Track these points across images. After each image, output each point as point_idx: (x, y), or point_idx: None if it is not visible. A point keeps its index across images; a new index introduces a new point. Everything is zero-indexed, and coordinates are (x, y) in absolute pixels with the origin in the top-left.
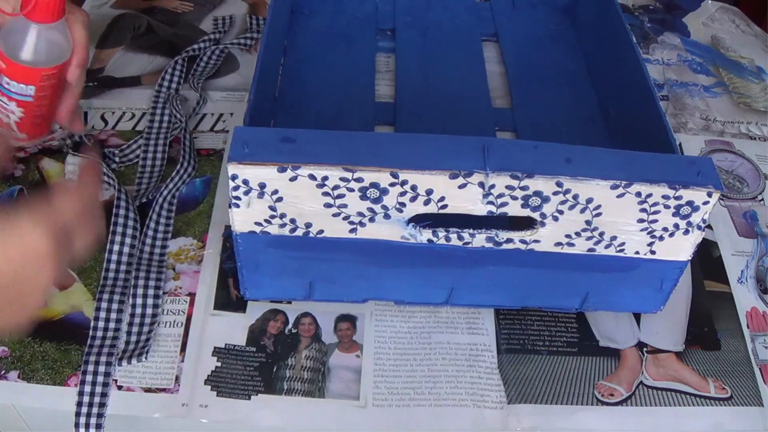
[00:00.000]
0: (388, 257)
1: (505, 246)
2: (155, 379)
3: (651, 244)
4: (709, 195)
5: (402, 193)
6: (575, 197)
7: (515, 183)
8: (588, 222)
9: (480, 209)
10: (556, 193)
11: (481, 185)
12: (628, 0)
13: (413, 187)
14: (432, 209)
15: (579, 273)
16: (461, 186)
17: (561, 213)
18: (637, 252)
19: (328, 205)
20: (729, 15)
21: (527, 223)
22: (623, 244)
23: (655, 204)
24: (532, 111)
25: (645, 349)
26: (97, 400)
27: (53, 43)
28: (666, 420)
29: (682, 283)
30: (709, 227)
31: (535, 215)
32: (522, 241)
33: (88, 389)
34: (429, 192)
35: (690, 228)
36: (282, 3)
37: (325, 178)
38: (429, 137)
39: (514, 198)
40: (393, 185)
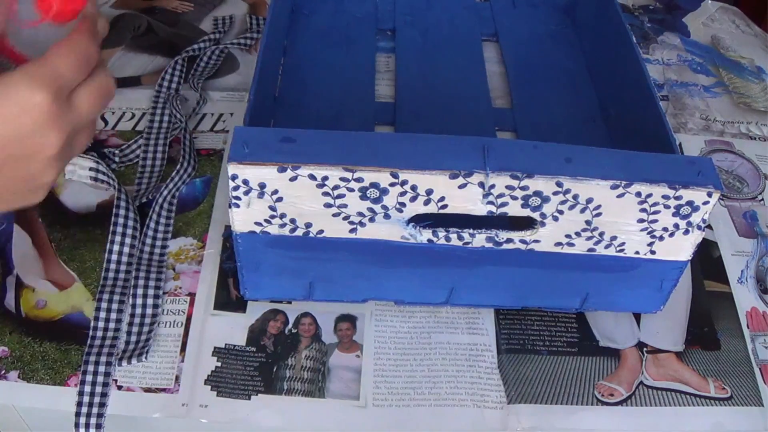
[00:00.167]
0: (388, 257)
1: (505, 246)
2: (155, 379)
3: (651, 244)
4: (709, 195)
5: (402, 193)
6: (575, 197)
7: (515, 183)
8: (588, 222)
9: (480, 209)
10: (556, 193)
11: (481, 185)
12: (628, 0)
13: (413, 187)
14: (432, 209)
15: (579, 273)
16: (461, 186)
17: (561, 213)
18: (637, 252)
19: (328, 205)
20: (729, 15)
21: (527, 223)
22: (623, 244)
23: (655, 204)
24: (532, 111)
25: (645, 349)
26: (97, 400)
27: None
28: (666, 420)
29: (682, 283)
30: (709, 227)
31: (535, 215)
32: (522, 241)
33: (88, 389)
34: (429, 192)
35: (690, 228)
36: (282, 3)
37: (325, 178)
38: (429, 137)
39: (514, 198)
40: (393, 185)
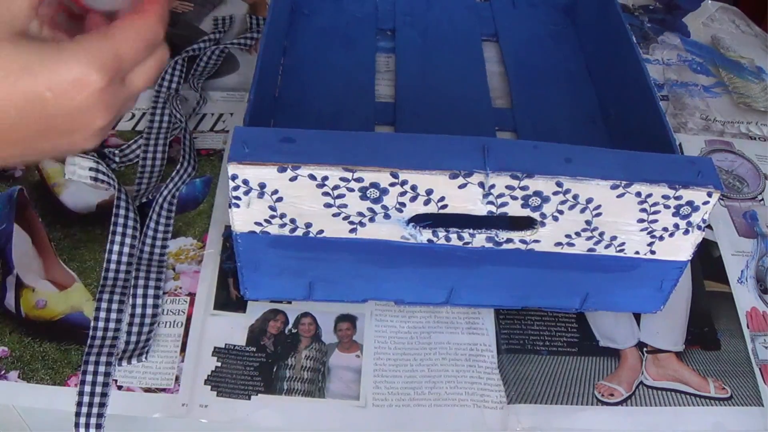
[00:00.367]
0: (388, 257)
1: (505, 246)
2: (155, 379)
3: (651, 244)
4: (709, 195)
5: (402, 193)
6: (575, 197)
7: (515, 183)
8: (588, 222)
9: (480, 209)
10: (556, 193)
11: (481, 185)
12: (628, 0)
13: (413, 187)
14: (432, 209)
15: (579, 273)
16: (461, 186)
17: (561, 213)
18: (637, 252)
19: (328, 205)
20: (729, 15)
21: (527, 223)
22: (623, 244)
23: (655, 204)
24: (532, 111)
25: (645, 349)
26: (97, 400)
27: None
28: (666, 420)
29: (682, 283)
30: (709, 227)
31: (535, 215)
32: (522, 241)
33: (88, 389)
34: (429, 192)
35: (690, 228)
36: (282, 3)
37: (325, 178)
38: (429, 137)
39: (514, 198)
40: (393, 185)
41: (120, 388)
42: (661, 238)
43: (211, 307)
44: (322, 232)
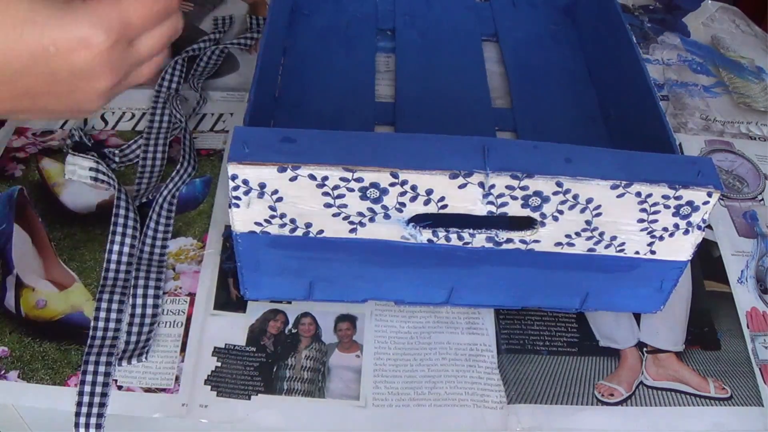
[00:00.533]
0: (388, 257)
1: (505, 246)
2: (155, 379)
3: (651, 244)
4: (709, 195)
5: (402, 193)
6: (575, 197)
7: (515, 183)
8: (588, 222)
9: (480, 209)
10: (556, 193)
11: (481, 185)
12: (628, 0)
13: (413, 187)
14: (432, 209)
15: (579, 273)
16: (461, 186)
17: (561, 213)
18: (637, 252)
19: (328, 205)
20: (729, 15)
21: (527, 223)
22: (623, 244)
23: (655, 204)
24: (532, 111)
25: (645, 349)
26: (97, 400)
27: None
28: (666, 420)
29: (682, 283)
30: (709, 227)
31: (535, 215)
32: (522, 241)
33: (88, 389)
34: (429, 192)
35: (690, 228)
36: (282, 3)
37: (325, 178)
38: (429, 137)
39: (514, 198)
40: (393, 185)
41: (120, 388)
42: (661, 238)
43: (211, 307)
44: (322, 232)
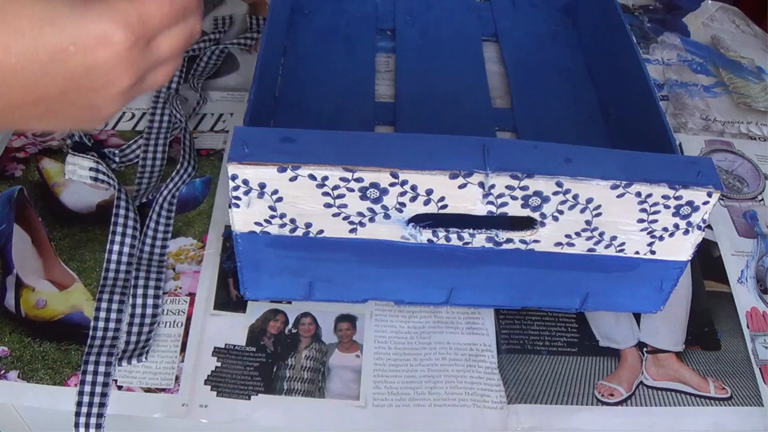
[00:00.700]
0: (388, 257)
1: (505, 246)
2: (155, 379)
3: (651, 244)
4: (709, 195)
5: (402, 193)
6: (575, 197)
7: (515, 183)
8: (588, 222)
9: (480, 209)
10: (556, 193)
11: (481, 185)
12: (628, 0)
13: (413, 187)
14: (432, 209)
15: (579, 273)
16: (461, 186)
17: (561, 213)
18: (637, 252)
19: (328, 205)
20: (729, 15)
21: (527, 223)
22: (623, 244)
23: (655, 204)
24: (532, 111)
25: (645, 349)
26: (97, 400)
27: None
28: (666, 420)
29: (682, 283)
30: (709, 227)
31: (535, 215)
32: (522, 241)
33: (88, 389)
34: (429, 192)
35: (690, 228)
36: (282, 3)
37: (325, 178)
38: (429, 137)
39: (514, 198)
40: (393, 185)
41: (120, 388)
42: (661, 238)
43: (211, 307)
44: (322, 232)
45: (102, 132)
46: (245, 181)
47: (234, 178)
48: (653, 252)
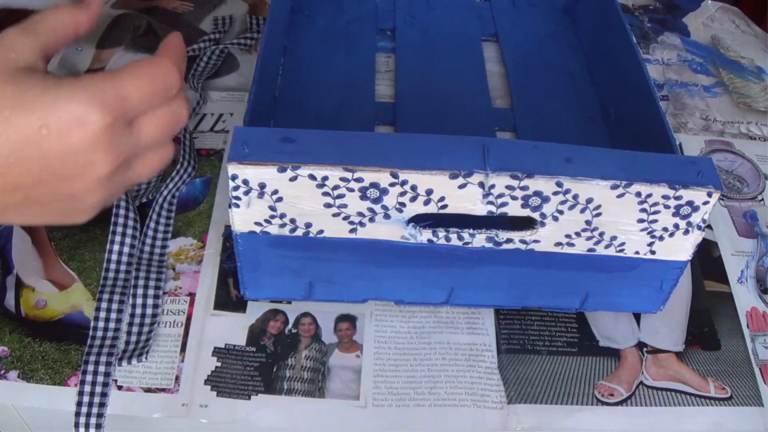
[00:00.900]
0: (388, 257)
1: (505, 246)
2: (155, 379)
3: (651, 244)
4: (709, 195)
5: (402, 193)
6: (575, 197)
7: (515, 183)
8: (588, 222)
9: (480, 209)
10: (556, 193)
11: (481, 185)
12: (628, 0)
13: (413, 187)
14: (432, 209)
15: (579, 273)
16: (461, 186)
17: (561, 213)
18: (637, 252)
19: (328, 205)
20: (729, 15)
21: (527, 223)
22: (623, 244)
23: (655, 204)
24: (532, 111)
25: (645, 349)
26: (97, 400)
27: None
28: (666, 420)
29: (682, 283)
30: (709, 227)
31: (535, 215)
32: (522, 241)
33: (88, 389)
34: (429, 192)
35: (690, 228)
36: (282, 3)
37: (325, 178)
38: (429, 137)
39: (514, 198)
40: (393, 185)
41: (120, 388)
42: (661, 238)
43: (211, 307)
44: (322, 232)
45: None
46: (245, 181)
47: (234, 178)
48: (653, 252)
